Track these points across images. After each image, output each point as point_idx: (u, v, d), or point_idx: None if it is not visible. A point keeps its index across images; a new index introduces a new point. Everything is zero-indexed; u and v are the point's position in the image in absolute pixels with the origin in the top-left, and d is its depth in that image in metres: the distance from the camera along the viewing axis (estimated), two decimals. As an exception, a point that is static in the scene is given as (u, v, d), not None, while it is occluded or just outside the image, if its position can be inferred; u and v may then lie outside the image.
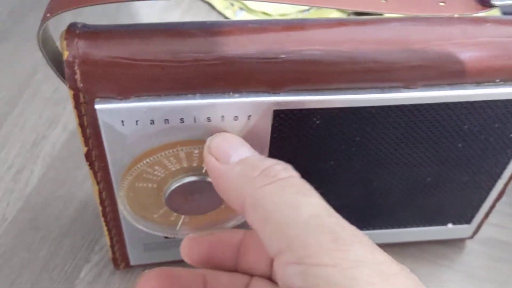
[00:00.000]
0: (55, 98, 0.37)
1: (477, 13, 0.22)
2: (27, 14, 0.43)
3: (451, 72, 0.22)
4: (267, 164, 0.19)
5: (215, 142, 0.21)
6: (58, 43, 0.20)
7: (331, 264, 0.16)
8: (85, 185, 0.33)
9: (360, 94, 0.21)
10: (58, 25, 0.21)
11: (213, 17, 0.45)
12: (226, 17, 0.45)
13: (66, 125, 0.36)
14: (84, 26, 0.20)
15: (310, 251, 0.16)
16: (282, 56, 0.20)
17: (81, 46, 0.19)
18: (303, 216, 0.17)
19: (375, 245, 0.17)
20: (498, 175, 0.27)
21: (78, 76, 0.19)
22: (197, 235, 0.24)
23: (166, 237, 0.27)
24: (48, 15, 0.19)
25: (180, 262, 0.29)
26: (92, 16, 0.43)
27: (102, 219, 0.26)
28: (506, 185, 0.27)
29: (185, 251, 0.25)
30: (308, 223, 0.17)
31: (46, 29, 0.20)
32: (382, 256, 0.17)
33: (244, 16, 0.45)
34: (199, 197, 0.24)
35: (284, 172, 0.19)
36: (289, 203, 0.17)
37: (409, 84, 0.21)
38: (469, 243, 0.32)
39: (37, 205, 0.32)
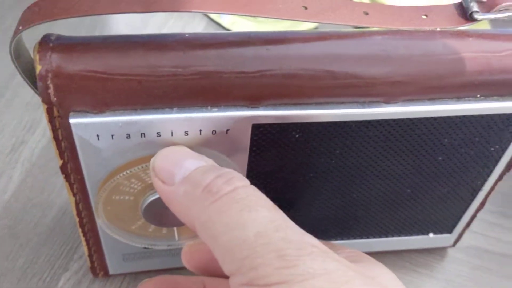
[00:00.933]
0: (34, 102, 0.36)
1: (460, 26, 0.22)
2: (6, 15, 0.43)
3: (432, 87, 0.21)
4: (209, 179, 0.18)
5: (158, 163, 0.20)
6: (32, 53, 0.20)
7: (281, 282, 0.15)
8: (64, 191, 0.32)
9: (340, 108, 0.21)
10: (34, 32, 0.20)
11: (196, 17, 0.45)
12: (208, 16, 0.45)
13: (45, 130, 0.35)
14: (58, 38, 0.20)
15: (259, 272, 0.16)
16: (262, 70, 0.20)
17: (55, 59, 0.19)
18: (249, 236, 0.17)
19: (329, 253, 0.17)
20: (479, 187, 0.27)
21: (51, 90, 0.19)
22: (198, 242, 0.24)
23: (145, 248, 0.26)
24: (20, 27, 0.18)
25: (160, 271, 0.29)
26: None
27: (80, 229, 0.25)
28: (487, 196, 0.28)
29: (186, 258, 0.25)
30: (254, 243, 0.16)
31: (19, 41, 0.20)
32: (333, 265, 0.16)
33: (228, 17, 0.45)
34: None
35: (227, 186, 0.18)
36: (235, 223, 0.17)
37: (389, 99, 0.21)
38: (450, 251, 0.32)
39: (16, 212, 0.31)
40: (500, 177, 0.26)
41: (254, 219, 0.17)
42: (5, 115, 0.36)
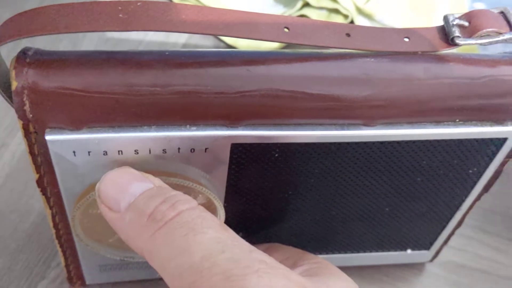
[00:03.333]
0: (17, 104, 0.36)
1: (441, 50, 0.22)
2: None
3: (412, 111, 0.21)
4: (153, 206, 0.18)
5: (103, 189, 0.19)
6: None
7: None
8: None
9: (319, 130, 0.21)
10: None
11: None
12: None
13: (27, 132, 0.35)
14: (36, 52, 0.19)
15: None
16: (241, 91, 0.20)
17: (31, 75, 0.19)
18: (195, 260, 0.17)
19: (278, 269, 0.17)
20: (457, 207, 0.27)
21: (27, 107, 0.19)
22: None
23: (122, 260, 0.26)
24: (-3, 42, 0.18)
25: (137, 282, 0.29)
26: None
27: (56, 241, 0.25)
28: (464, 215, 0.28)
29: None
30: (201, 267, 0.16)
31: (-4, 55, 0.19)
32: (282, 282, 0.16)
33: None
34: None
35: (171, 211, 0.18)
36: (181, 248, 0.17)
37: (369, 122, 0.21)
38: (428, 266, 0.33)
39: (-7, 217, 0.31)
40: (478, 198, 0.27)
41: (200, 242, 0.17)
42: (-14, 117, 0.36)
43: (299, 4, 0.42)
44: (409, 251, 0.30)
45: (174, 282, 0.17)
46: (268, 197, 0.24)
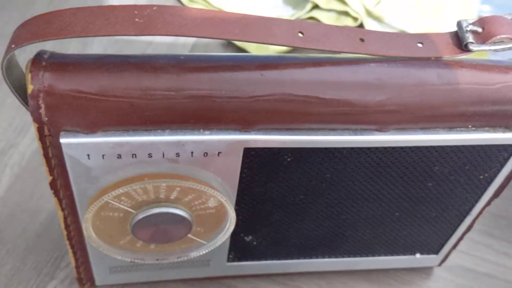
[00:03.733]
0: (26, 104, 0.36)
1: (455, 56, 0.22)
2: None
3: (424, 117, 0.21)
4: None
5: None
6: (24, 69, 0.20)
7: None
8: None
9: (332, 135, 0.21)
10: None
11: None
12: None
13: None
14: (52, 56, 0.19)
15: None
16: (255, 96, 0.20)
17: (47, 79, 0.19)
18: None
19: None
20: (467, 212, 0.27)
21: (43, 110, 0.19)
22: None
23: (132, 261, 0.26)
24: (13, 46, 0.18)
25: (146, 284, 0.29)
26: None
27: (67, 242, 0.25)
28: (474, 220, 0.28)
29: None
30: None
31: (11, 58, 0.19)
32: None
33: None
34: (165, 228, 0.23)
35: None
36: None
37: (381, 127, 0.21)
38: (436, 270, 0.33)
39: (3, 218, 0.31)
40: (488, 203, 0.27)
41: None
42: (-4, 117, 0.36)
43: (309, 6, 0.42)
44: (418, 255, 0.30)
45: None
46: (279, 201, 0.24)
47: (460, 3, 0.44)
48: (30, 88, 0.19)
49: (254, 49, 0.40)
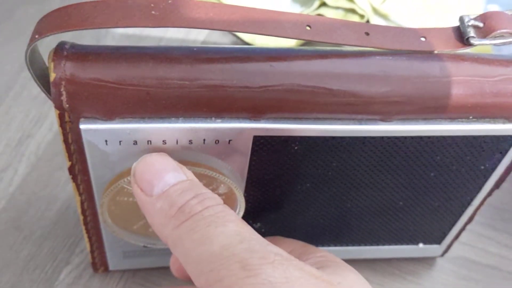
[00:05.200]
0: (42, 96, 0.37)
1: (457, 50, 0.23)
2: (15, 10, 0.43)
3: (427, 108, 0.22)
4: (184, 200, 0.19)
5: (139, 170, 0.20)
6: (46, 59, 0.21)
7: None
8: (68, 186, 0.33)
9: (338, 124, 0.22)
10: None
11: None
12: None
13: (52, 124, 0.36)
14: (72, 46, 0.20)
15: (223, 283, 0.17)
16: (265, 86, 0.21)
17: (68, 67, 0.20)
18: (214, 249, 0.17)
19: (292, 260, 0.18)
20: (469, 202, 0.28)
21: (64, 97, 0.20)
22: None
23: (145, 246, 0.27)
24: (37, 36, 0.19)
25: (158, 269, 0.30)
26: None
27: (83, 227, 0.26)
28: (476, 210, 0.29)
29: (174, 267, 0.26)
30: (220, 255, 0.17)
31: (34, 48, 0.20)
32: (296, 273, 0.17)
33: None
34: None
35: (199, 206, 0.19)
36: (202, 238, 0.18)
37: (385, 117, 0.22)
38: (439, 261, 0.33)
39: (20, 205, 0.32)
40: (489, 194, 0.27)
41: (220, 233, 0.18)
42: (13, 108, 0.37)
43: (316, 3, 0.43)
44: (420, 245, 0.31)
45: (195, 270, 0.18)
46: (287, 189, 0.25)
47: (466, 2, 0.45)
48: (52, 76, 0.20)
49: (261, 45, 0.41)
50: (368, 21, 0.43)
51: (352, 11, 0.43)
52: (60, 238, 0.31)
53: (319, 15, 0.43)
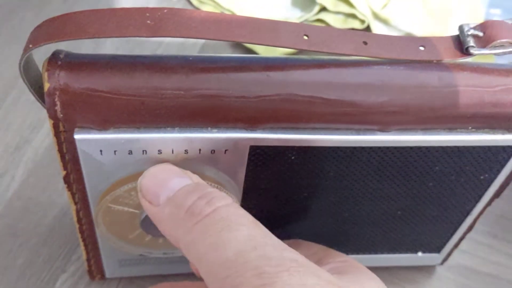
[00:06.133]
0: (40, 102, 0.37)
1: (456, 60, 0.22)
2: (14, 13, 0.43)
3: (425, 118, 0.22)
4: (191, 200, 0.19)
5: (144, 184, 0.21)
6: (40, 67, 0.21)
7: None
8: (65, 192, 0.33)
9: (335, 135, 0.22)
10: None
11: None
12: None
13: (49, 130, 0.36)
14: (67, 55, 0.20)
15: None
16: (261, 96, 0.21)
17: (62, 77, 0.20)
18: (228, 256, 0.17)
19: (309, 267, 0.17)
20: (468, 212, 0.27)
21: (58, 107, 0.20)
22: None
23: (141, 255, 0.27)
24: (31, 46, 0.19)
25: (155, 277, 0.30)
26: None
27: (79, 235, 0.26)
28: (475, 220, 0.28)
29: (194, 267, 0.26)
30: (235, 262, 0.17)
31: (29, 57, 0.20)
32: (312, 280, 0.17)
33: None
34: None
35: (208, 207, 0.19)
36: (216, 244, 0.18)
37: (383, 127, 0.22)
38: (438, 269, 0.33)
39: (17, 211, 0.32)
40: (489, 203, 0.27)
41: (234, 238, 0.18)
42: (11, 114, 0.37)
43: (316, 8, 0.43)
44: (420, 253, 0.30)
45: (209, 276, 0.18)
46: (283, 198, 0.25)
47: (468, 6, 0.45)
48: (46, 86, 0.19)
49: (263, 50, 0.41)
50: (368, 26, 0.42)
51: (353, 16, 0.42)
52: (56, 245, 0.31)
53: (319, 20, 0.43)
